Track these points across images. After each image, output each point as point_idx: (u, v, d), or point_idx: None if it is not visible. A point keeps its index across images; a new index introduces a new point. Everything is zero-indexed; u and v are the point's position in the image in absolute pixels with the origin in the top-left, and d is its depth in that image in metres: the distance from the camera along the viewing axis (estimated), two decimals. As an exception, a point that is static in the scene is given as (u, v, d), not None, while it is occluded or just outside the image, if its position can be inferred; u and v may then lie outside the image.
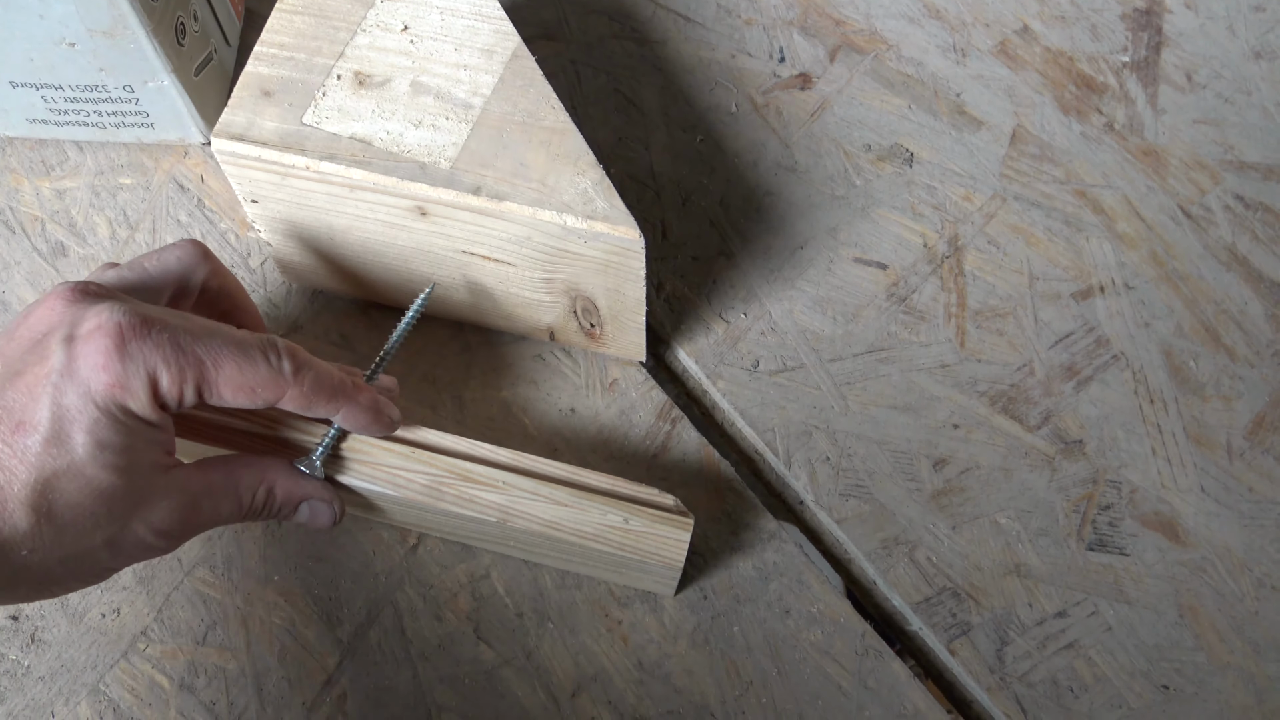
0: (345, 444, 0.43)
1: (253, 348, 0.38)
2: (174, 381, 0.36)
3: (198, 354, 0.37)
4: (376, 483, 0.43)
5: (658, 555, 0.43)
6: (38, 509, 0.35)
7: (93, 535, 0.36)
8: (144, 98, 0.52)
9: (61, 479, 0.35)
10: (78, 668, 0.45)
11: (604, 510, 0.43)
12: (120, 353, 0.35)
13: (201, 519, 0.39)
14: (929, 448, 0.50)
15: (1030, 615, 0.47)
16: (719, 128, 0.57)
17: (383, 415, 0.43)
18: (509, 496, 0.43)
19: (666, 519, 0.43)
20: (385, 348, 0.45)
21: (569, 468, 0.44)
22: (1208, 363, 0.52)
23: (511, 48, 0.45)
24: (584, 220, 0.42)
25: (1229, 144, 0.57)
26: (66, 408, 0.35)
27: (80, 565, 0.36)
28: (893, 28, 0.60)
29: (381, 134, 0.43)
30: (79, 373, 0.35)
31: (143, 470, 0.37)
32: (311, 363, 0.40)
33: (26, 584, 0.36)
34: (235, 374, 0.37)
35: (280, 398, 0.39)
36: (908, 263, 0.54)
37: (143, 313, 0.37)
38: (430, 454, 0.43)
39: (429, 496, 0.43)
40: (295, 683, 0.45)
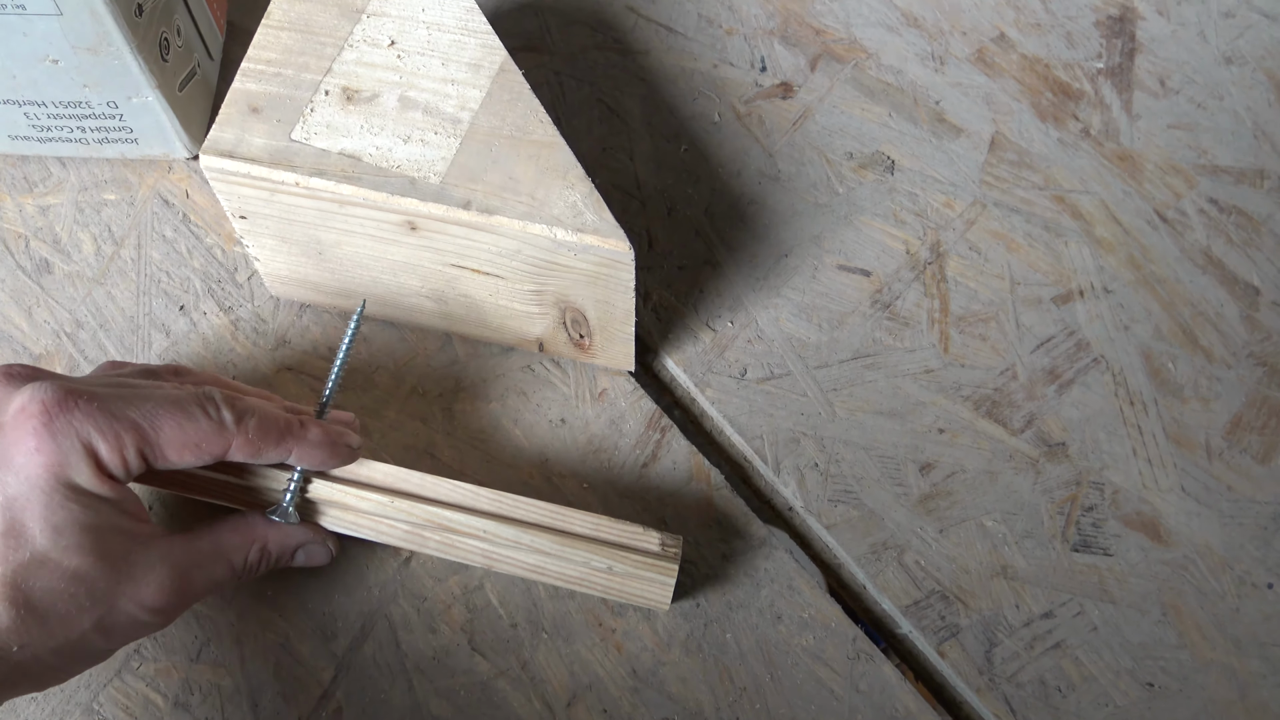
0: (321, 491, 0.43)
1: (189, 403, 0.38)
2: (113, 449, 0.36)
3: (131, 418, 0.36)
4: (359, 530, 0.44)
5: (643, 597, 0.44)
6: (15, 603, 0.34)
7: (79, 620, 0.36)
8: (128, 113, 0.52)
9: (29, 570, 0.35)
10: (70, 687, 0.45)
11: (588, 557, 0.43)
12: (49, 430, 0.35)
13: (195, 590, 0.39)
14: (915, 452, 0.51)
15: (1017, 616, 0.48)
16: (702, 137, 0.58)
17: (339, 446, 0.42)
18: (492, 544, 0.44)
19: (650, 564, 0.44)
20: (330, 380, 0.45)
21: (553, 509, 0.44)
22: (1186, 365, 0.53)
23: (498, 62, 0.45)
24: (574, 233, 0.42)
25: (1202, 148, 0.58)
26: (13, 498, 0.35)
27: (75, 652, 0.36)
28: (872, 36, 0.61)
29: (370, 149, 0.43)
30: (14, 461, 0.35)
31: (113, 547, 0.36)
32: (253, 408, 0.39)
33: (26, 680, 0.36)
34: (176, 433, 0.37)
35: (227, 449, 0.38)
36: (891, 269, 0.55)
37: (68, 386, 0.36)
38: (410, 502, 0.44)
39: (411, 544, 0.44)
40: (290, 698, 0.45)
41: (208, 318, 0.53)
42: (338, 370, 0.45)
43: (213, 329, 0.52)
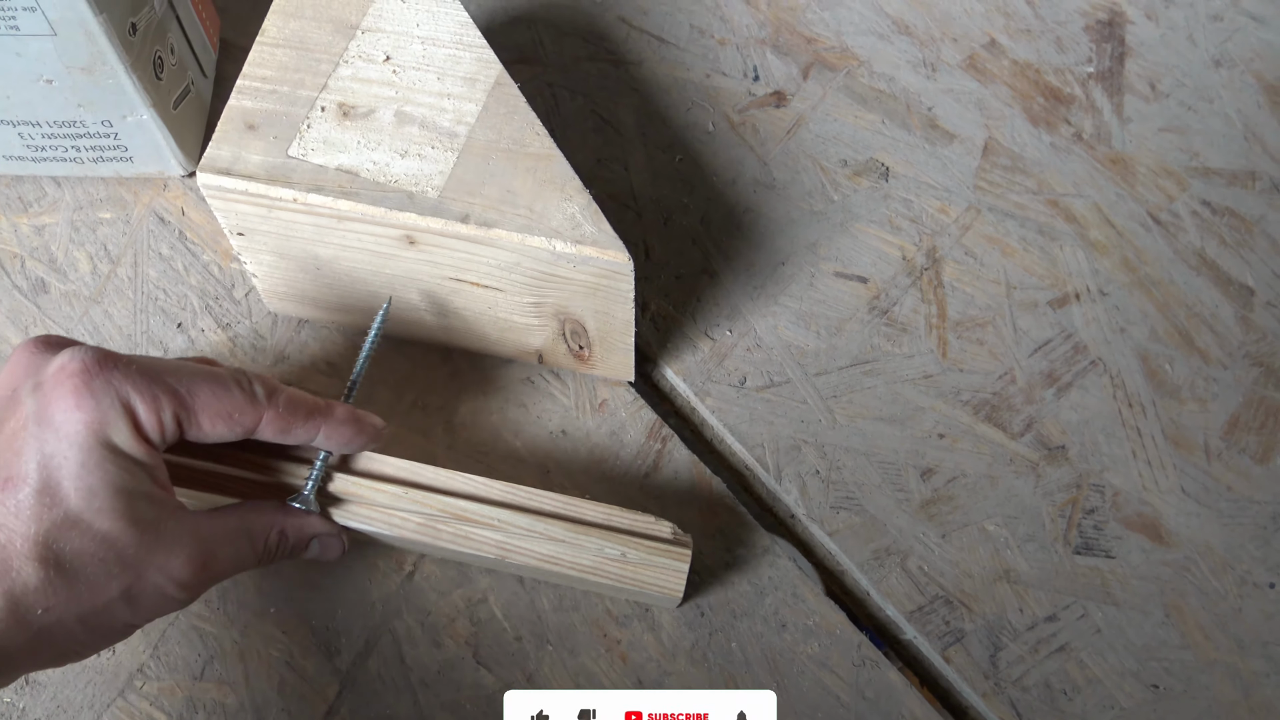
0: (336, 485, 0.44)
1: (224, 376, 0.38)
2: (150, 411, 0.36)
3: (169, 383, 0.37)
4: (372, 524, 0.43)
5: (657, 585, 0.43)
6: (45, 562, 0.34)
7: (108, 587, 0.35)
8: (122, 132, 0.52)
9: (62, 529, 0.34)
10: (74, 708, 0.45)
11: (601, 544, 0.43)
12: (89, 388, 0.35)
13: (220, 567, 0.39)
14: (916, 458, 0.51)
15: (1021, 620, 0.48)
16: (697, 147, 0.58)
17: (365, 424, 0.42)
18: (506, 534, 0.43)
19: (664, 550, 0.44)
20: (354, 371, 0.45)
21: (564, 500, 0.44)
22: (1182, 366, 0.53)
23: (494, 75, 0.45)
24: (572, 245, 0.42)
25: (1194, 151, 0.58)
26: (50, 456, 0.35)
27: (99, 622, 0.36)
28: (863, 44, 0.61)
29: (368, 164, 0.43)
30: (53, 418, 0.35)
31: (146, 515, 0.36)
32: (283, 386, 0.40)
33: (48, 649, 0.35)
34: (211, 400, 0.37)
35: (258, 422, 0.39)
36: (888, 276, 0.55)
37: (107, 351, 0.36)
38: (424, 493, 0.44)
39: (425, 535, 0.43)
40: (295, 715, 0.45)
41: (205, 335, 0.52)
42: (363, 361, 0.45)
43: (211, 346, 0.52)
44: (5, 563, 0.34)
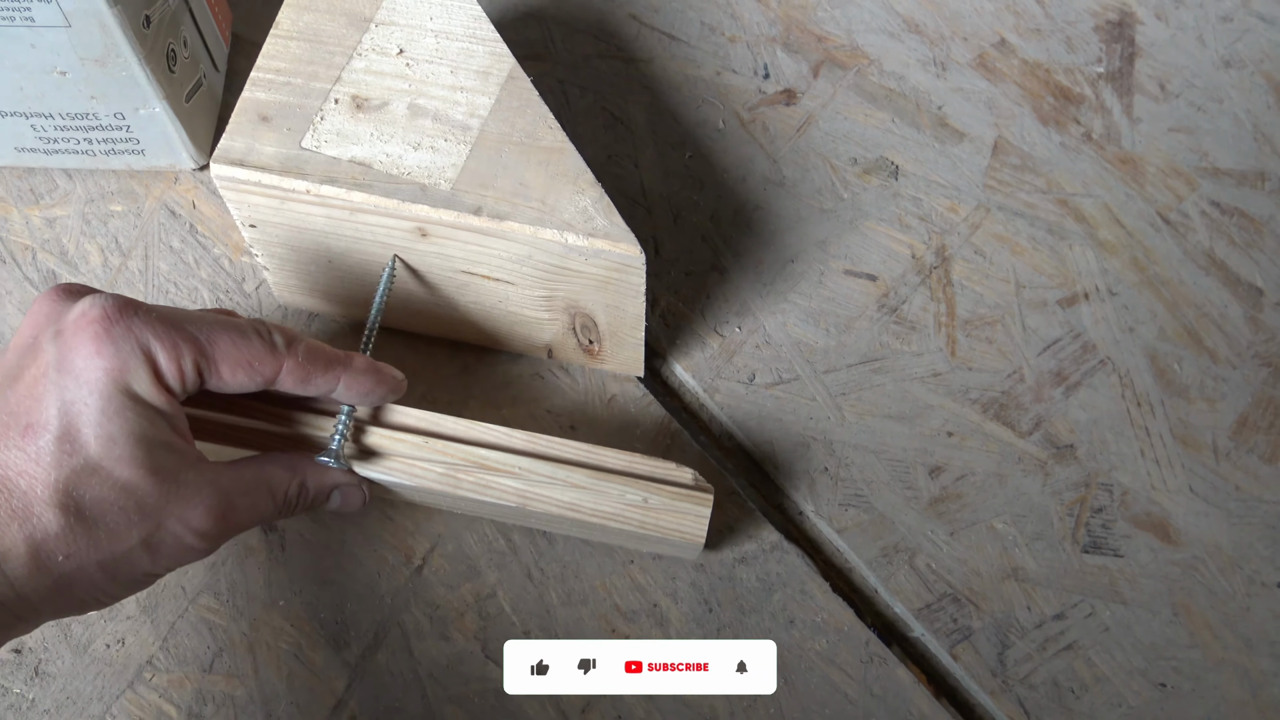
0: (356, 438, 0.43)
1: (244, 325, 0.38)
2: (171, 358, 0.36)
3: (189, 331, 0.37)
4: (392, 474, 0.43)
5: (679, 531, 0.43)
6: (66, 509, 0.34)
7: (128, 534, 0.35)
8: (135, 125, 0.52)
9: (82, 476, 0.34)
10: (83, 700, 0.45)
11: (622, 490, 0.43)
12: (109, 335, 0.35)
13: (239, 518, 0.39)
14: (924, 455, 0.51)
15: (1029, 618, 0.48)
16: (707, 144, 0.58)
17: (384, 374, 0.42)
18: (526, 482, 0.43)
19: (686, 495, 0.43)
20: (368, 324, 0.45)
21: (585, 447, 0.44)
22: (1191, 365, 0.53)
23: (507, 69, 0.45)
24: (585, 238, 0.42)
25: (1203, 151, 0.58)
26: (70, 402, 0.34)
27: (120, 570, 0.36)
28: (873, 43, 0.61)
29: (381, 156, 0.43)
30: (74, 364, 0.35)
31: (166, 464, 0.36)
32: (302, 336, 0.40)
33: (69, 597, 0.35)
34: (230, 349, 0.37)
35: (278, 371, 0.39)
36: (897, 274, 0.55)
37: (127, 299, 0.36)
38: (444, 442, 0.43)
39: (446, 485, 0.43)
40: (304, 707, 0.45)
41: (216, 328, 0.52)
42: (375, 313, 0.45)
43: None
44: (26, 509, 0.34)
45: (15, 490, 0.34)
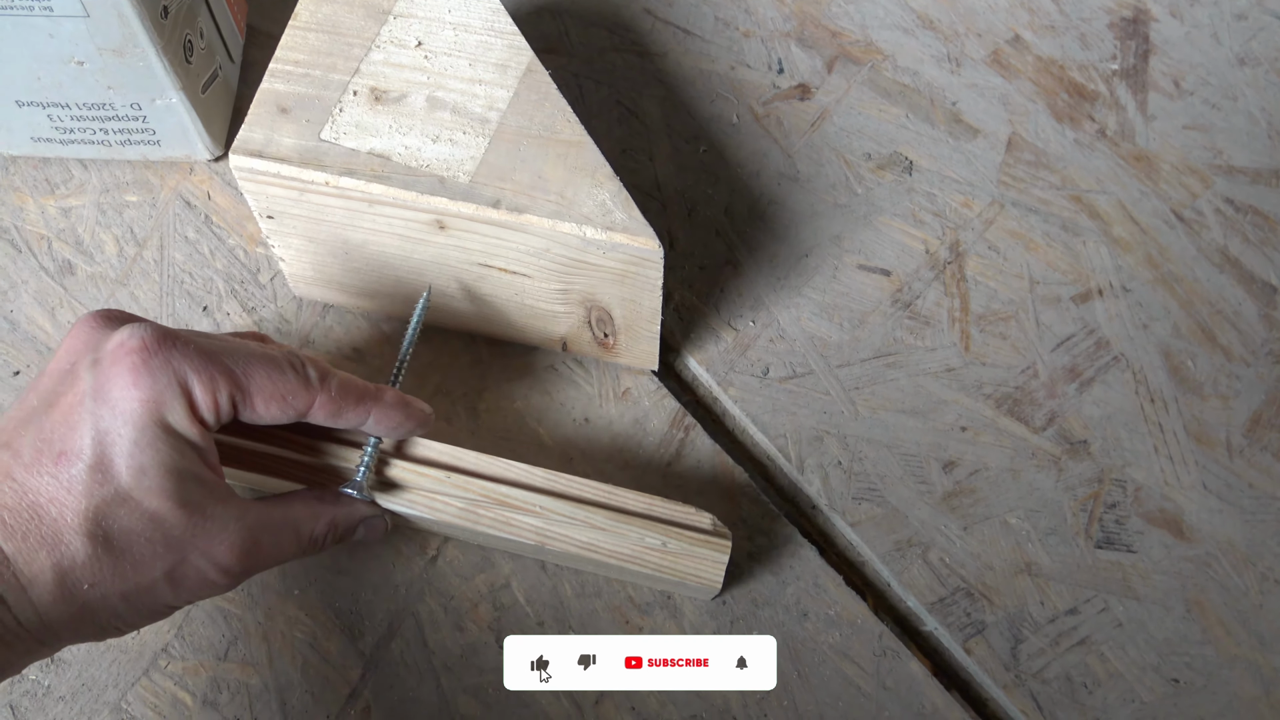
0: (378, 470, 0.44)
1: (278, 358, 0.39)
2: (206, 391, 0.36)
3: (225, 364, 0.37)
4: (414, 507, 0.43)
5: (695, 576, 0.44)
6: (94, 537, 0.34)
7: (152, 567, 0.36)
8: (151, 115, 0.52)
9: (112, 506, 0.35)
10: (99, 686, 0.45)
11: (641, 534, 0.44)
12: (147, 367, 0.35)
13: (263, 556, 0.39)
14: (938, 450, 0.51)
15: (1042, 613, 0.48)
16: (721, 138, 0.58)
17: (414, 409, 0.42)
18: (546, 520, 0.44)
19: (704, 541, 0.44)
20: (400, 355, 0.46)
21: (605, 488, 0.45)
22: (1205, 362, 0.53)
23: (525, 62, 0.46)
24: (603, 231, 0.42)
25: (1218, 149, 0.58)
26: (105, 432, 0.35)
27: (142, 601, 0.36)
28: (888, 38, 0.61)
29: (399, 149, 0.43)
30: (110, 394, 0.35)
31: (195, 496, 0.36)
32: (335, 371, 0.40)
33: (89, 624, 0.36)
34: (265, 383, 0.37)
35: (311, 405, 0.39)
36: (911, 269, 0.55)
37: (166, 329, 0.37)
38: (465, 478, 0.44)
39: (466, 520, 0.43)
40: (319, 696, 0.45)
41: (231, 318, 0.53)
42: (407, 346, 0.46)
43: (235, 330, 0.52)
44: (56, 536, 0.34)
45: (46, 517, 0.34)
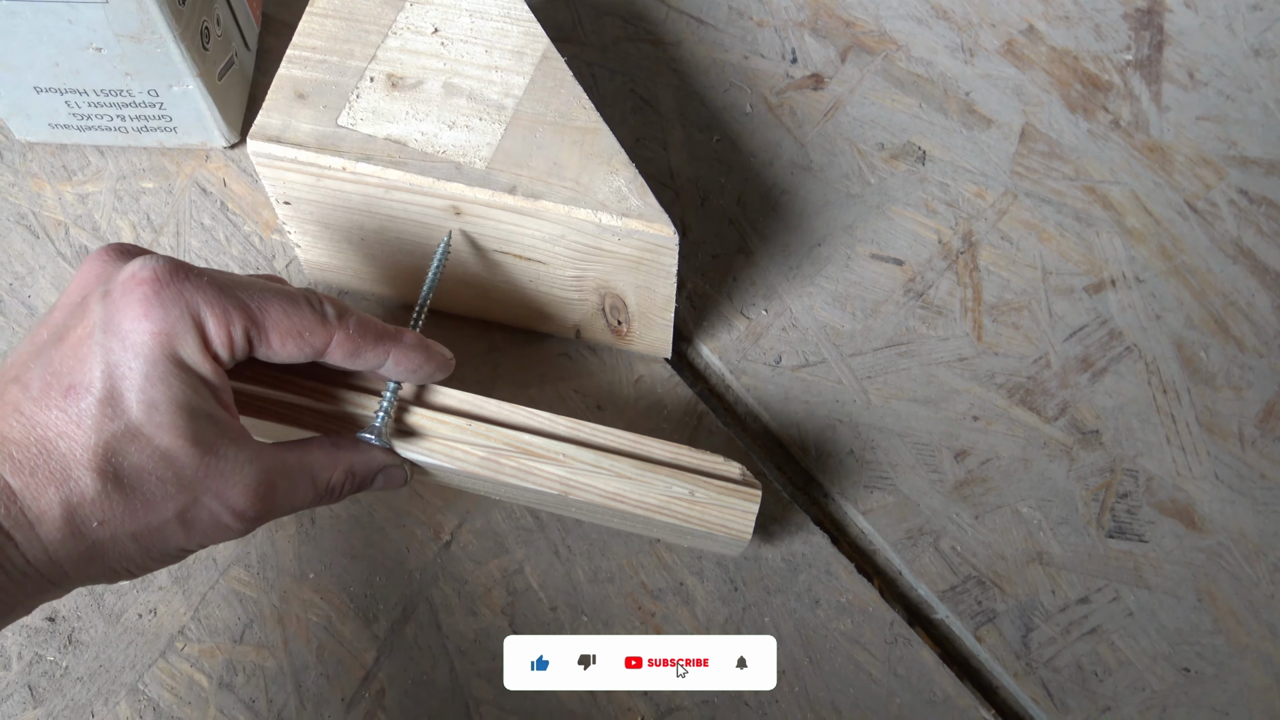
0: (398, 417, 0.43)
1: (295, 293, 0.37)
2: (220, 325, 0.35)
3: (240, 298, 0.35)
4: (433, 455, 0.42)
5: (724, 526, 0.42)
6: (103, 474, 0.33)
7: (164, 506, 0.35)
8: (168, 102, 0.52)
9: (123, 442, 0.33)
10: (116, 668, 0.46)
11: (669, 483, 0.42)
12: (159, 298, 0.34)
13: (278, 501, 0.38)
14: (950, 439, 0.51)
15: (1053, 602, 0.48)
16: (734, 128, 0.58)
17: (434, 351, 0.41)
18: (570, 469, 0.42)
19: (733, 490, 0.42)
20: (420, 299, 0.44)
21: (631, 437, 0.43)
22: (1218, 353, 0.53)
23: (541, 49, 0.46)
24: (619, 218, 0.42)
25: (1232, 140, 0.58)
26: (115, 365, 0.33)
27: (153, 542, 0.35)
28: (901, 28, 0.61)
29: (416, 135, 0.44)
30: (120, 327, 0.34)
31: (208, 435, 0.35)
32: (353, 309, 0.39)
33: (100, 564, 0.35)
34: (281, 318, 0.36)
35: (328, 343, 0.38)
36: (923, 258, 0.55)
37: (179, 261, 0.35)
38: (487, 426, 0.42)
39: (488, 470, 0.42)
40: (333, 679, 0.46)
41: (246, 305, 0.53)
42: (428, 290, 0.44)
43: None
44: (64, 471, 0.33)
45: (54, 452, 0.33)
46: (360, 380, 0.43)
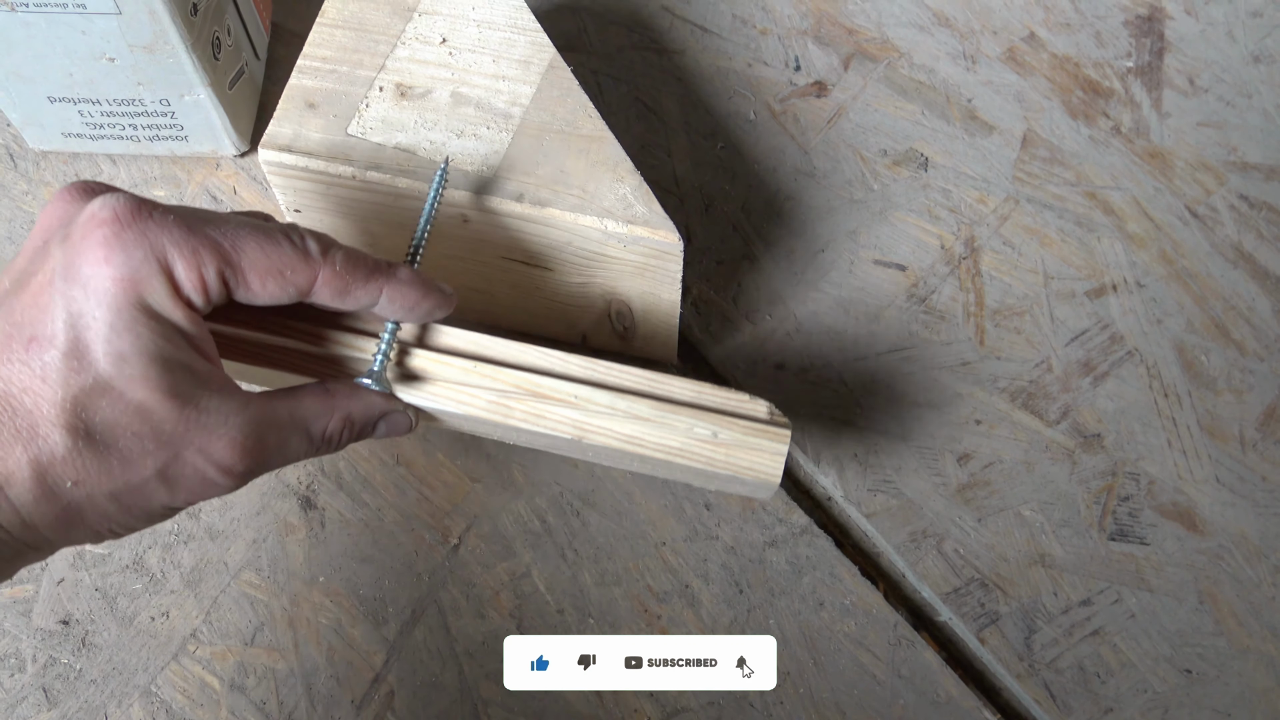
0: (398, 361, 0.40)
1: (273, 229, 0.34)
2: (190, 266, 0.32)
3: (211, 236, 0.32)
4: (437, 400, 0.39)
5: (752, 470, 0.39)
6: (74, 430, 0.31)
7: (142, 464, 0.32)
8: (180, 111, 0.53)
9: (92, 396, 0.31)
10: (129, 670, 0.46)
11: (690, 423, 0.39)
12: (119, 240, 0.31)
13: (269, 454, 0.35)
14: (953, 443, 0.51)
15: (1056, 604, 0.48)
16: (738, 135, 0.59)
17: (432, 287, 0.38)
18: (584, 412, 0.39)
19: (760, 430, 0.39)
20: (416, 235, 0.41)
21: (650, 376, 0.40)
22: (1218, 357, 0.53)
23: (547, 59, 0.46)
24: (624, 225, 0.43)
25: (1232, 145, 0.59)
26: (78, 315, 0.31)
27: (134, 501, 0.33)
28: (904, 36, 0.62)
29: (425, 143, 0.44)
30: (80, 272, 0.31)
31: (184, 388, 0.32)
32: (339, 243, 0.36)
33: (80, 526, 0.33)
34: (259, 255, 0.33)
35: (313, 280, 0.35)
36: (926, 264, 0.55)
37: (142, 199, 0.32)
38: (494, 367, 0.39)
39: (496, 414, 0.39)
40: (343, 681, 0.46)
41: (256, 311, 0.54)
42: (424, 225, 0.41)
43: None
44: (31, 429, 0.31)
45: (20, 408, 0.31)
46: (356, 321, 0.40)
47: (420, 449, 0.50)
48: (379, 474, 0.50)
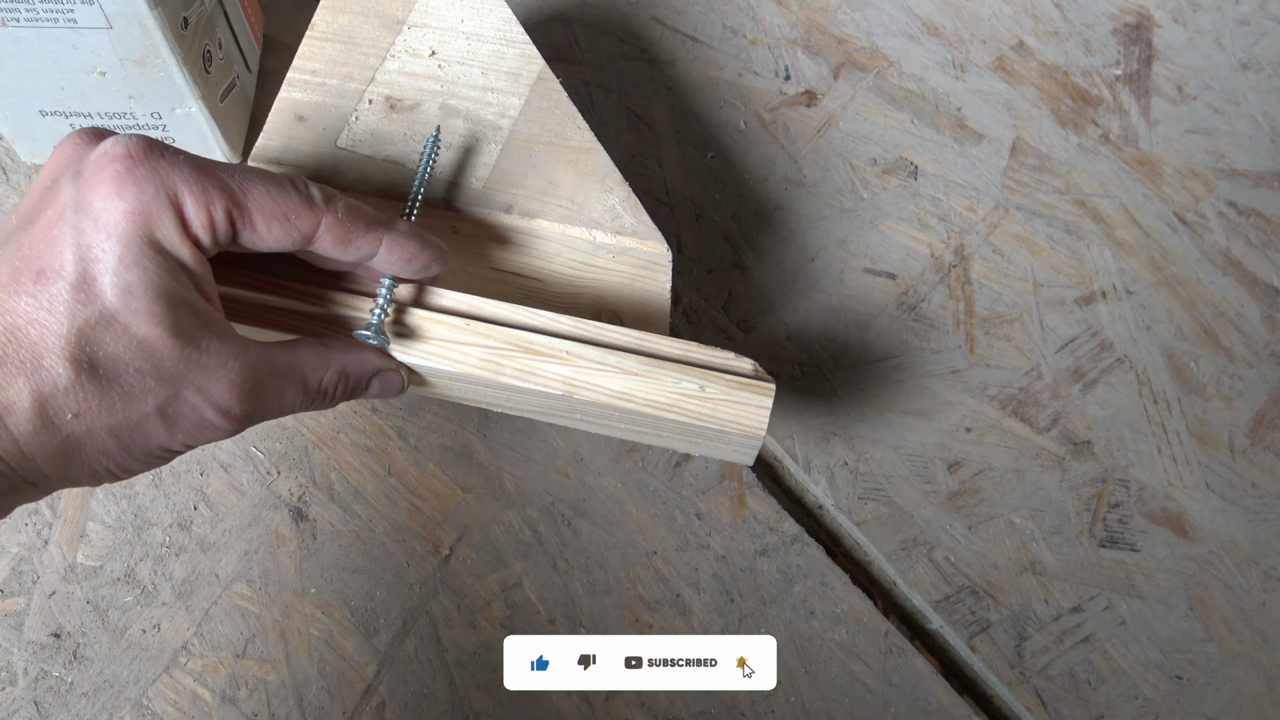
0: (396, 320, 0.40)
1: (279, 175, 0.35)
2: (200, 204, 0.32)
3: (220, 177, 0.33)
4: (430, 358, 0.40)
5: (738, 424, 0.40)
6: (77, 363, 0.31)
7: (143, 400, 0.32)
8: (171, 124, 0.53)
9: (97, 329, 0.31)
10: (120, 683, 0.46)
11: (677, 378, 0.40)
12: (132, 176, 0.32)
13: (267, 401, 0.35)
14: (943, 451, 0.52)
15: (1047, 611, 0.48)
16: (729, 144, 0.59)
17: (428, 241, 0.38)
18: (574, 368, 0.40)
19: (745, 384, 0.40)
20: (412, 193, 0.42)
21: (637, 334, 0.41)
22: (1208, 364, 0.53)
23: (536, 71, 0.47)
24: (613, 235, 0.43)
25: (1220, 152, 0.59)
26: (87, 247, 0.31)
27: (134, 438, 0.33)
28: (893, 45, 0.62)
29: (414, 156, 0.44)
30: (92, 206, 0.32)
31: (187, 326, 0.33)
32: (340, 194, 0.37)
33: (80, 462, 0.33)
34: (266, 199, 0.34)
35: (316, 227, 0.35)
36: (916, 272, 0.56)
37: (155, 140, 0.33)
38: (487, 325, 0.40)
39: (488, 371, 0.40)
40: (335, 692, 0.46)
41: (248, 323, 0.54)
42: (419, 184, 0.42)
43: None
44: (35, 360, 0.31)
45: (24, 340, 0.31)
46: (353, 283, 0.41)
47: (411, 459, 0.50)
48: (370, 485, 0.50)
